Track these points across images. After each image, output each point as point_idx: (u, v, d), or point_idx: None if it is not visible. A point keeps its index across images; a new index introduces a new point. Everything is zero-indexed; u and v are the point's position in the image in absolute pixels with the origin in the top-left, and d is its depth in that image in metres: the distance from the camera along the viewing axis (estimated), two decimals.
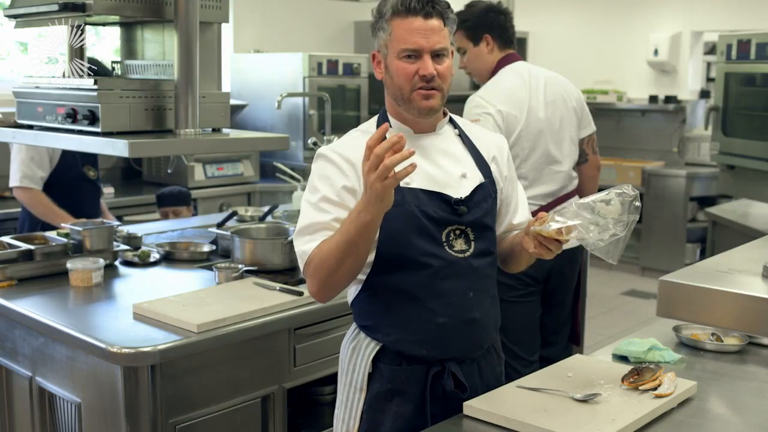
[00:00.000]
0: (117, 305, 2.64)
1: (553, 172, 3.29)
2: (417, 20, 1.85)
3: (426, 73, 1.86)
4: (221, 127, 2.84)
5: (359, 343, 1.98)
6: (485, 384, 1.99)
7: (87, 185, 4.01)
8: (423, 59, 1.86)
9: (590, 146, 3.43)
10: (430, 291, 1.89)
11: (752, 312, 1.45)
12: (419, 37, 1.85)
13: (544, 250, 1.83)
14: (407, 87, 1.88)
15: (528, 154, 3.23)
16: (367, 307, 1.96)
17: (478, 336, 1.97)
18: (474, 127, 2.09)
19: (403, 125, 1.96)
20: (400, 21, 1.86)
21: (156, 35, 2.89)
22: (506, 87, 3.27)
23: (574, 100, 3.36)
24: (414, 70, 1.86)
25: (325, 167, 1.93)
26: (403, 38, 1.86)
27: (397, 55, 1.87)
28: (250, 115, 6.10)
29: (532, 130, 3.22)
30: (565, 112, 3.32)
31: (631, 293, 6.77)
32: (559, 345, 3.45)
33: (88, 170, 4.00)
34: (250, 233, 3.21)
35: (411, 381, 1.93)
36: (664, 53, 7.49)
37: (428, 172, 1.92)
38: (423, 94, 1.88)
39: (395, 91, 1.92)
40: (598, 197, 1.81)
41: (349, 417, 1.98)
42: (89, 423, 2.40)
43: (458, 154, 1.99)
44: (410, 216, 1.87)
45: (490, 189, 1.98)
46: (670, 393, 1.91)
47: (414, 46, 1.85)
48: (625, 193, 1.81)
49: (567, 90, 3.36)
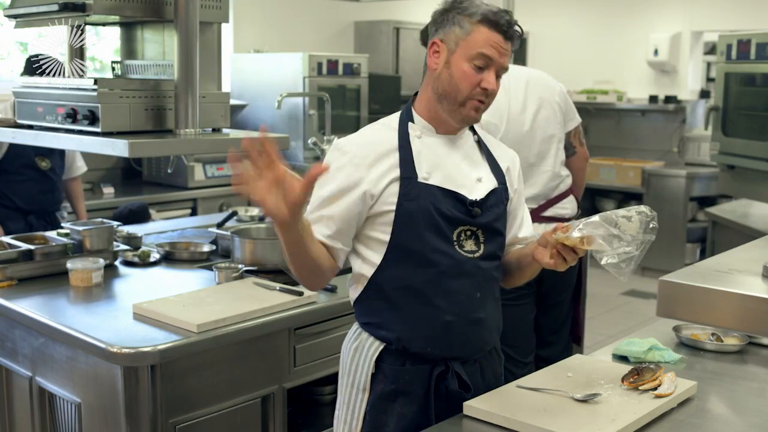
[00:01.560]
0: (117, 305, 2.64)
1: (539, 173, 3.26)
2: (500, 37, 1.88)
3: (489, 87, 1.88)
4: (221, 127, 2.84)
5: (362, 343, 1.97)
6: (486, 384, 2.00)
7: (37, 175, 4.04)
8: (489, 72, 1.88)
9: (577, 138, 3.41)
10: (438, 289, 1.89)
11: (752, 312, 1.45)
12: (496, 51, 1.88)
13: (560, 260, 1.84)
14: (465, 92, 1.89)
15: None
16: (371, 304, 1.95)
17: (482, 336, 1.97)
18: (490, 138, 2.11)
19: (427, 123, 1.97)
20: (485, 29, 1.88)
21: (156, 35, 2.89)
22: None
23: (557, 96, 3.34)
24: (479, 80, 1.88)
25: (338, 160, 1.91)
26: (482, 45, 1.87)
27: (468, 59, 1.88)
28: (250, 115, 6.10)
29: (513, 136, 3.15)
30: (549, 110, 3.29)
31: (631, 293, 6.77)
32: (558, 345, 3.44)
33: (40, 161, 4.03)
34: (250, 233, 3.21)
35: (415, 381, 1.93)
36: (664, 53, 7.49)
37: (447, 171, 1.93)
38: (476, 106, 1.91)
39: (451, 90, 1.91)
40: (620, 212, 1.84)
41: (351, 418, 1.98)
42: (89, 423, 2.40)
43: (475, 159, 2.01)
44: (424, 211, 1.87)
45: (503, 195, 2.00)
46: (670, 393, 1.91)
47: (490, 54, 1.87)
48: (644, 213, 1.84)
49: (549, 87, 3.34)
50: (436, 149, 1.95)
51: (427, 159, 1.92)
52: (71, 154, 4.31)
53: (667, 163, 7.57)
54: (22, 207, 4.03)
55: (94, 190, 5.25)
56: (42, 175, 4.06)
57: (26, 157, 3.99)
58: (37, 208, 4.08)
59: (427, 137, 1.96)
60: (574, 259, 1.84)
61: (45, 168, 4.06)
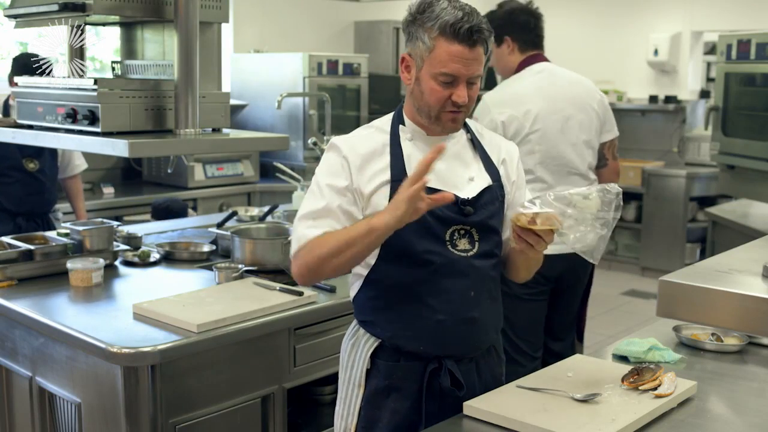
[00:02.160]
0: (117, 305, 2.64)
1: (571, 174, 3.26)
2: (462, 48, 1.83)
3: (460, 101, 1.87)
4: (221, 127, 2.84)
5: (358, 339, 1.99)
6: (483, 384, 2.00)
7: (24, 177, 4.03)
8: (458, 86, 1.86)
9: (611, 151, 3.41)
10: (430, 288, 1.90)
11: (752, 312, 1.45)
12: (461, 65, 1.83)
13: (523, 243, 1.82)
14: (436, 108, 1.89)
15: (542, 157, 3.20)
16: (367, 302, 1.97)
17: (476, 336, 1.97)
18: (485, 131, 2.09)
19: (417, 127, 1.97)
20: (445, 43, 1.83)
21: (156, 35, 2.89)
22: (513, 90, 3.28)
23: (596, 103, 3.33)
24: (448, 95, 1.86)
25: (336, 159, 1.92)
26: (444, 62, 1.83)
27: (434, 77, 1.86)
28: (250, 115, 6.10)
29: (544, 133, 3.18)
30: (585, 115, 3.29)
31: (631, 293, 6.77)
32: (568, 340, 3.49)
33: (27, 162, 4.02)
34: (250, 233, 3.21)
35: (408, 377, 1.94)
36: (664, 53, 7.49)
37: (438, 172, 1.92)
38: (451, 117, 1.90)
39: (422, 106, 1.91)
40: (576, 191, 1.79)
41: (347, 413, 2.00)
42: (89, 423, 2.40)
43: (468, 159, 2.00)
44: None
45: (498, 192, 1.99)
46: (670, 393, 1.91)
47: (454, 72, 1.84)
48: (607, 190, 1.78)
49: (589, 93, 3.35)
50: (427, 151, 1.93)
51: (418, 161, 1.91)
52: (67, 153, 4.31)
53: (667, 163, 7.57)
54: (10, 209, 4.01)
55: (94, 190, 5.25)
56: (30, 177, 4.05)
57: (13, 159, 3.98)
58: (26, 209, 4.06)
59: (418, 139, 1.96)
60: (537, 241, 1.81)
61: (33, 170, 4.04)
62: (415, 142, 1.96)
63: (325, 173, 1.92)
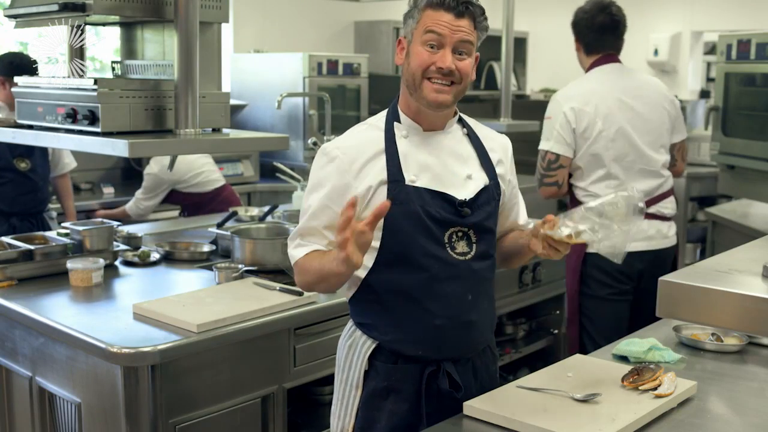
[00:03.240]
0: (117, 305, 2.65)
1: (645, 171, 3.31)
2: (447, 14, 1.85)
3: (443, 66, 1.85)
4: (221, 127, 2.84)
5: (355, 340, 1.99)
6: (479, 383, 2.00)
7: (16, 177, 4.04)
8: (443, 51, 1.85)
9: (680, 153, 3.48)
10: (428, 292, 1.89)
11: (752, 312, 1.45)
12: (446, 28, 1.85)
13: (553, 251, 1.88)
14: (419, 73, 1.87)
15: (615, 155, 3.26)
16: (364, 305, 1.97)
17: (474, 338, 1.98)
18: (482, 127, 2.09)
19: (413, 122, 1.96)
20: (432, 12, 1.86)
21: (156, 35, 2.89)
22: (582, 87, 3.37)
23: (668, 103, 3.39)
24: (431, 60, 1.86)
25: (326, 168, 1.93)
26: (429, 25, 1.86)
27: (421, 43, 1.87)
28: (250, 115, 6.10)
29: (616, 131, 3.24)
30: (657, 114, 3.34)
31: None
32: None
33: (18, 162, 4.02)
34: (250, 233, 3.21)
35: (406, 379, 1.93)
36: (664, 53, 7.49)
37: (434, 171, 1.92)
38: (435, 88, 1.87)
39: (409, 77, 1.91)
40: (606, 200, 1.86)
41: (344, 414, 1.99)
42: (89, 423, 2.40)
43: (465, 155, 1.99)
44: (413, 215, 1.87)
45: (495, 192, 1.99)
46: (670, 393, 1.91)
47: (438, 30, 1.84)
48: (630, 196, 1.85)
49: (661, 94, 3.40)
50: (423, 148, 1.94)
51: (415, 160, 1.92)
52: (57, 152, 4.30)
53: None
54: (4, 209, 4.01)
55: (94, 190, 5.24)
56: (22, 177, 4.05)
57: (3, 159, 3.98)
58: (20, 209, 4.06)
59: (414, 136, 1.95)
60: (567, 248, 1.87)
61: (24, 169, 4.04)
62: (411, 138, 1.94)
63: (313, 187, 1.94)
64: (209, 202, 4.72)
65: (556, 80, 8.24)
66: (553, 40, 8.25)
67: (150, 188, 4.66)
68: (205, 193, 4.75)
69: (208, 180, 4.77)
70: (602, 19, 3.41)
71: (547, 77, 8.31)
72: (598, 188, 3.24)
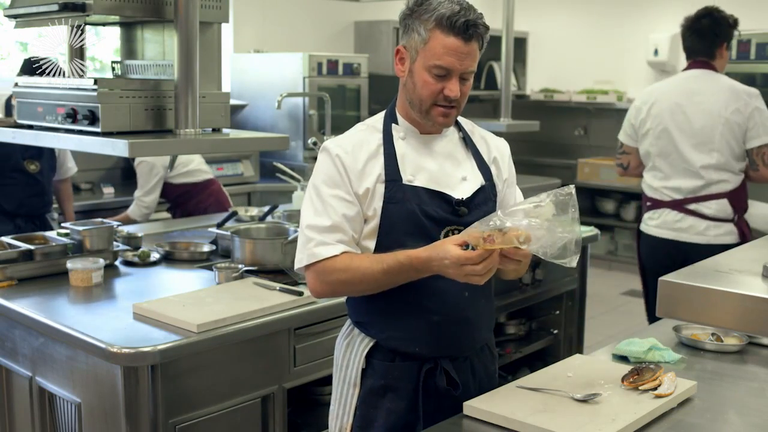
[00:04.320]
0: (117, 305, 2.64)
1: (687, 171, 3.56)
2: (457, 41, 1.82)
3: (452, 95, 1.86)
4: (221, 127, 2.84)
5: (353, 339, 1.99)
6: (478, 382, 2.01)
7: (25, 179, 4.04)
8: (451, 80, 1.86)
9: (759, 157, 3.56)
10: (424, 289, 1.89)
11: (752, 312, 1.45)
12: (455, 58, 1.83)
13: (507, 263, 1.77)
14: (428, 101, 1.89)
15: (659, 150, 3.62)
16: (361, 303, 1.97)
17: (471, 335, 1.98)
18: (477, 129, 2.09)
19: (410, 125, 1.97)
20: (441, 36, 1.83)
21: (156, 35, 2.89)
22: (655, 87, 3.76)
23: (734, 111, 3.50)
24: (440, 88, 1.86)
25: (331, 165, 1.92)
26: (439, 55, 1.83)
27: (427, 69, 1.86)
28: (250, 115, 6.10)
29: (663, 129, 3.58)
30: (707, 122, 3.51)
31: (631, 293, 6.77)
32: None
33: (28, 164, 4.03)
34: (250, 233, 3.21)
35: (404, 377, 1.94)
36: (664, 53, 7.49)
37: (431, 172, 1.93)
38: (442, 112, 1.90)
39: (415, 99, 1.91)
40: (527, 201, 1.75)
41: (343, 413, 2.00)
42: (89, 423, 2.40)
43: (460, 158, 2.00)
44: (410, 214, 1.88)
45: (491, 192, 1.99)
46: (670, 393, 1.91)
47: (447, 65, 1.84)
48: (559, 193, 1.74)
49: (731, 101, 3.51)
50: (420, 150, 1.95)
51: (412, 161, 1.92)
52: (62, 155, 4.31)
53: None
54: (10, 210, 4.02)
55: (94, 190, 5.24)
56: (30, 179, 4.06)
57: (15, 160, 3.98)
58: (26, 211, 4.07)
59: (411, 138, 1.96)
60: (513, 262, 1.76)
61: (34, 171, 4.05)
62: (408, 140, 1.95)
63: (326, 182, 1.90)
64: (198, 192, 4.62)
65: (556, 80, 8.25)
66: (553, 40, 8.26)
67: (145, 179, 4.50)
68: (195, 184, 4.64)
69: (197, 169, 4.65)
70: (698, 25, 3.64)
71: (547, 77, 8.31)
72: (649, 177, 3.73)
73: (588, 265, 4.06)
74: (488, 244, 1.70)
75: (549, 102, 8.09)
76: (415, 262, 1.78)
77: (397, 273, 1.81)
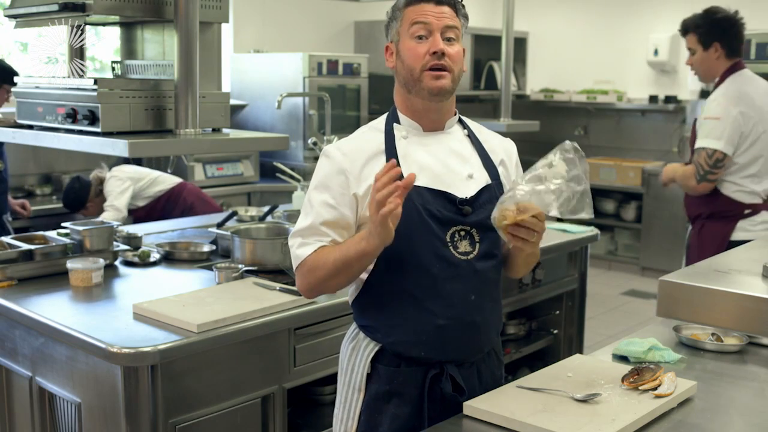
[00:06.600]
0: (117, 305, 2.64)
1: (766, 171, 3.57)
2: (428, 5, 1.91)
3: (436, 48, 1.88)
4: (221, 127, 2.84)
5: (358, 343, 1.98)
6: (484, 387, 1.98)
7: None
8: (433, 38, 1.89)
9: None
10: (431, 293, 1.88)
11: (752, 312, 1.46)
12: (430, 16, 1.90)
13: (518, 240, 1.79)
14: (417, 66, 1.90)
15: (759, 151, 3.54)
16: (367, 307, 1.96)
17: (477, 340, 1.96)
18: (483, 129, 2.08)
19: (413, 122, 1.96)
20: (413, 7, 1.93)
21: (156, 35, 2.89)
22: (744, 91, 3.60)
23: None
24: (425, 49, 1.89)
25: (327, 168, 1.92)
26: (415, 17, 1.91)
27: (409, 36, 1.91)
28: (250, 115, 6.10)
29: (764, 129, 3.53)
30: None
31: (631, 293, 6.77)
32: None
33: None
34: (250, 233, 3.21)
35: (409, 383, 1.92)
36: (664, 53, 7.49)
37: (435, 171, 1.92)
38: (434, 75, 1.89)
39: (406, 74, 1.92)
40: (539, 164, 1.79)
41: (347, 417, 1.98)
42: (89, 423, 2.40)
43: (466, 155, 1.98)
44: (414, 214, 1.86)
45: (497, 191, 1.96)
46: (670, 393, 1.91)
47: (424, 19, 1.90)
48: (564, 149, 1.78)
49: None
50: (423, 149, 1.94)
51: (414, 160, 1.91)
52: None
53: (667, 162, 7.55)
54: None
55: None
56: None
57: None
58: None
59: (414, 136, 1.95)
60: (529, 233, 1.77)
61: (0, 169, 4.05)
62: (410, 139, 1.94)
63: (317, 187, 1.93)
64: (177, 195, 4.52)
65: (556, 80, 8.25)
66: (553, 40, 8.26)
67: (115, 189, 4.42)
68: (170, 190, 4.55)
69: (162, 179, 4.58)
70: (736, 26, 3.67)
71: (547, 77, 8.31)
72: (746, 182, 3.57)
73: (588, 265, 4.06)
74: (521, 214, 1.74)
75: (549, 102, 8.09)
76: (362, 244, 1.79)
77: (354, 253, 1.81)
